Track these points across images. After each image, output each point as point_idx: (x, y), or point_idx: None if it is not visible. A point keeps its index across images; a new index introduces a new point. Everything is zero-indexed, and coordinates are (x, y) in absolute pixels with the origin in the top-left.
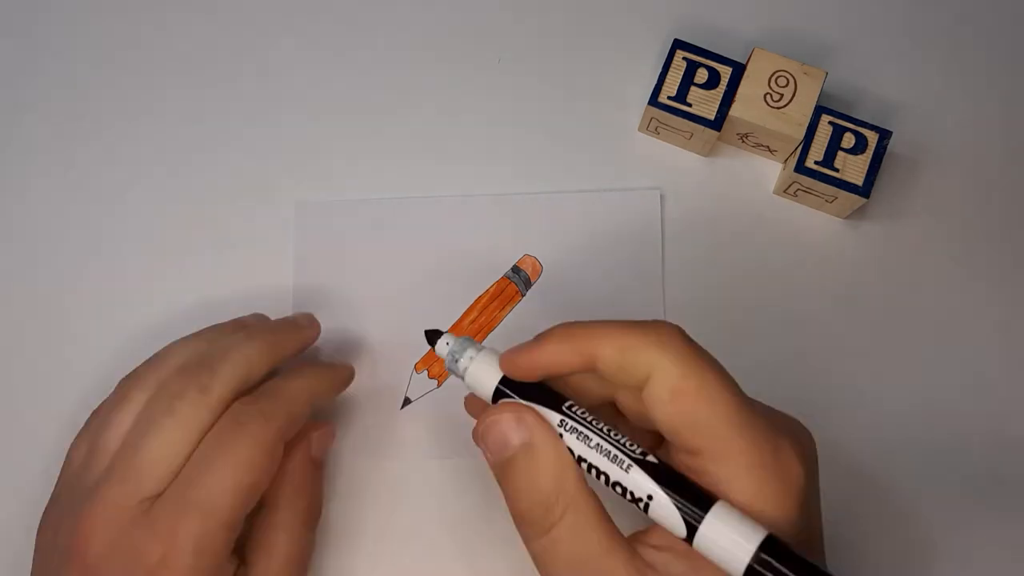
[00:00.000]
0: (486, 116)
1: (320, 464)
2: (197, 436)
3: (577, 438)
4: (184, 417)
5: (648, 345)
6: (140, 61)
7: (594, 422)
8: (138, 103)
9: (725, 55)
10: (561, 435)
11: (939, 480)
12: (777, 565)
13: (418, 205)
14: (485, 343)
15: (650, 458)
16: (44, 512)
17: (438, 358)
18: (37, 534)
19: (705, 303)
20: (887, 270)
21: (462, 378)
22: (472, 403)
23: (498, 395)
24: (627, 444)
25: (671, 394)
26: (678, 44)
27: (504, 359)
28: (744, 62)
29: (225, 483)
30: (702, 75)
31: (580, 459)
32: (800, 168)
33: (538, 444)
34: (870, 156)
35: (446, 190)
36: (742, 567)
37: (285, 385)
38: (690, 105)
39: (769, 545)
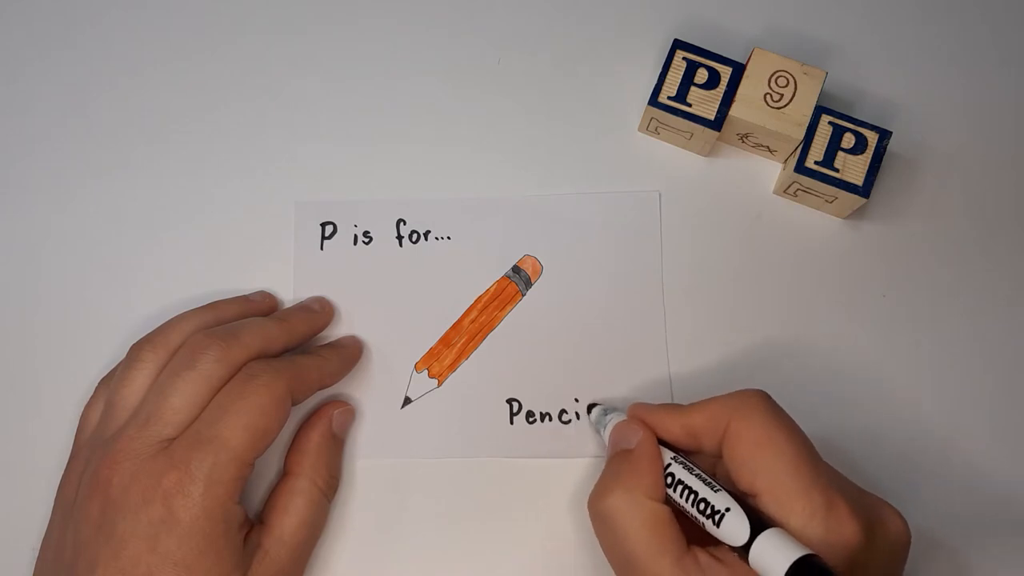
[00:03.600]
0: (486, 117)
1: (340, 441)
2: (214, 390)
3: (683, 467)
4: (205, 371)
5: (727, 408)
6: (141, 61)
7: (699, 466)
8: (138, 103)
9: (725, 55)
10: (670, 464)
11: (936, 477)
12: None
13: (418, 205)
14: (485, 343)
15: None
16: (63, 477)
17: (438, 357)
18: (56, 495)
19: (705, 303)
20: (887, 270)
21: (604, 436)
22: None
23: None
24: (718, 480)
25: (736, 445)
26: (678, 44)
27: (630, 409)
28: (744, 62)
29: (237, 423)
30: (702, 75)
31: (679, 482)
32: (800, 168)
33: (643, 444)
34: (870, 156)
35: (446, 190)
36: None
37: (296, 356)
38: (690, 105)
39: (810, 562)
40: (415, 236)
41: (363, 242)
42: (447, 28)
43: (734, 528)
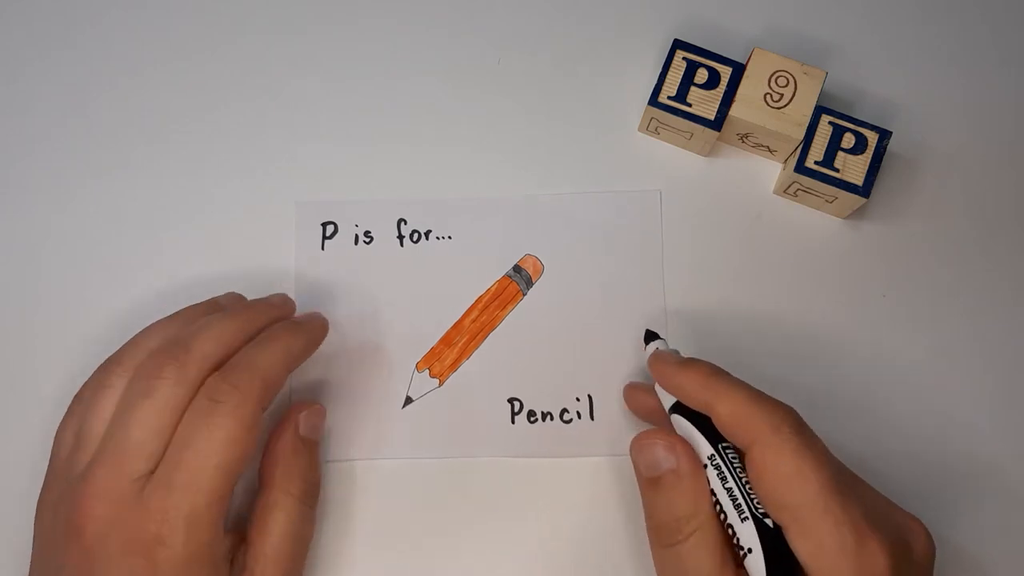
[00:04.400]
0: (486, 117)
1: (312, 443)
2: (177, 414)
3: (717, 475)
4: (162, 396)
5: (754, 421)
6: (141, 61)
7: (738, 468)
8: (138, 103)
9: (725, 55)
10: (706, 466)
11: (935, 477)
12: None
13: (418, 205)
14: (486, 342)
15: (768, 520)
16: (39, 498)
17: (439, 357)
18: (35, 519)
19: (705, 303)
20: (887, 270)
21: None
22: (631, 395)
23: (675, 408)
24: (755, 499)
25: (761, 473)
26: (678, 44)
27: (651, 360)
28: (744, 62)
29: (208, 462)
30: (702, 75)
31: (711, 491)
32: (800, 168)
33: (684, 472)
34: (870, 156)
35: (447, 190)
36: None
37: (258, 353)
38: (690, 105)
39: None
40: (416, 236)
41: (364, 242)
42: (447, 28)
43: (755, 570)
